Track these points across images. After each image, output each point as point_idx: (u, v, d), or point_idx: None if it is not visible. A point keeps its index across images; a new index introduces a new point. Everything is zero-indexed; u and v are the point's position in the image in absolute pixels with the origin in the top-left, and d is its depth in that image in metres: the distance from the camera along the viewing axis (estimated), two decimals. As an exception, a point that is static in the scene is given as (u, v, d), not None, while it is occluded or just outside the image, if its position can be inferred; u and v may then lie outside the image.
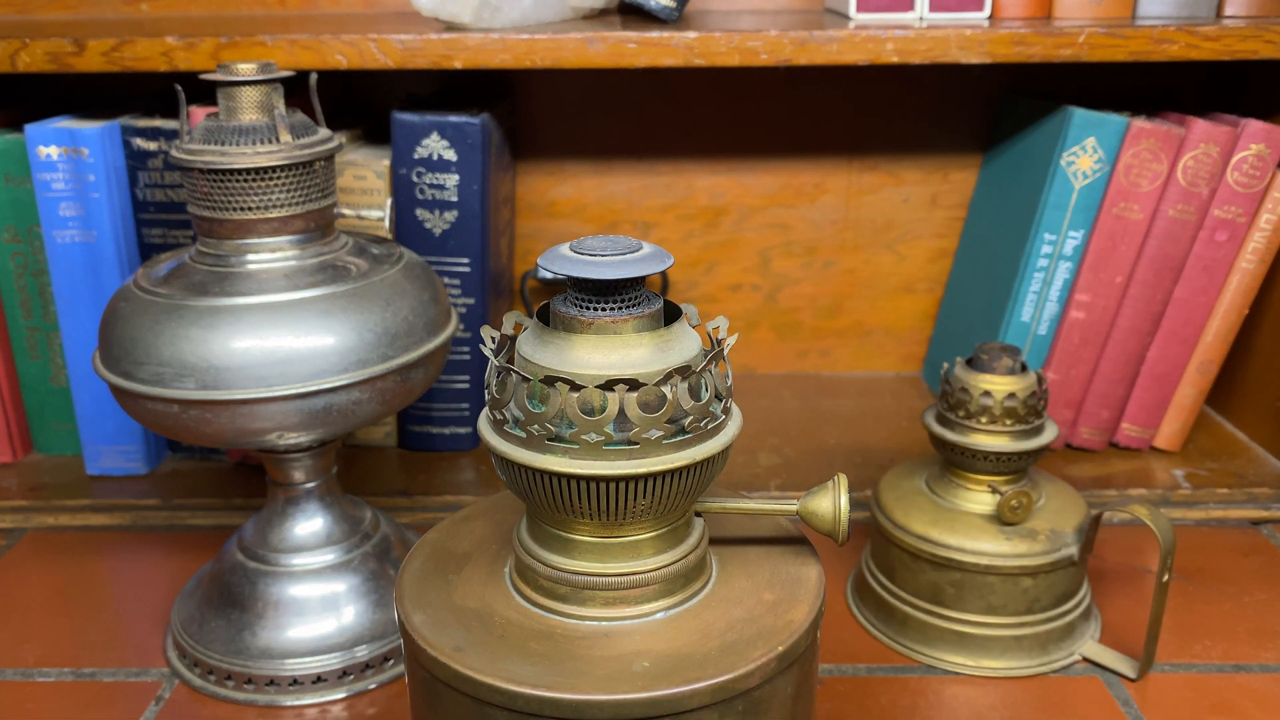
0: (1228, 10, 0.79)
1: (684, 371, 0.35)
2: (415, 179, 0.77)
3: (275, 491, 0.62)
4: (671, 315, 0.38)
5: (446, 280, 0.80)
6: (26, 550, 0.74)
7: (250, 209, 0.55)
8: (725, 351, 0.36)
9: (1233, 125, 0.76)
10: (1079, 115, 0.76)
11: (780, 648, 0.35)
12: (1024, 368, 0.61)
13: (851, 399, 0.95)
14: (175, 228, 0.78)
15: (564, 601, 0.37)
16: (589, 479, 0.34)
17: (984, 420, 0.60)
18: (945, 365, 0.63)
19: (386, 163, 0.78)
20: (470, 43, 0.70)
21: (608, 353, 0.35)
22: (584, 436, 0.34)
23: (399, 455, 0.85)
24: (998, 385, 0.60)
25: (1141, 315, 0.79)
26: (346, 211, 0.78)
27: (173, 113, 0.78)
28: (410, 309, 0.57)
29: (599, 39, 0.70)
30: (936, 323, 0.98)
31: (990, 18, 0.78)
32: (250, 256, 0.56)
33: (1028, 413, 0.60)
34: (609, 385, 0.34)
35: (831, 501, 0.38)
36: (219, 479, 0.81)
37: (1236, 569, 0.71)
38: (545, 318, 0.38)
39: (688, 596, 0.38)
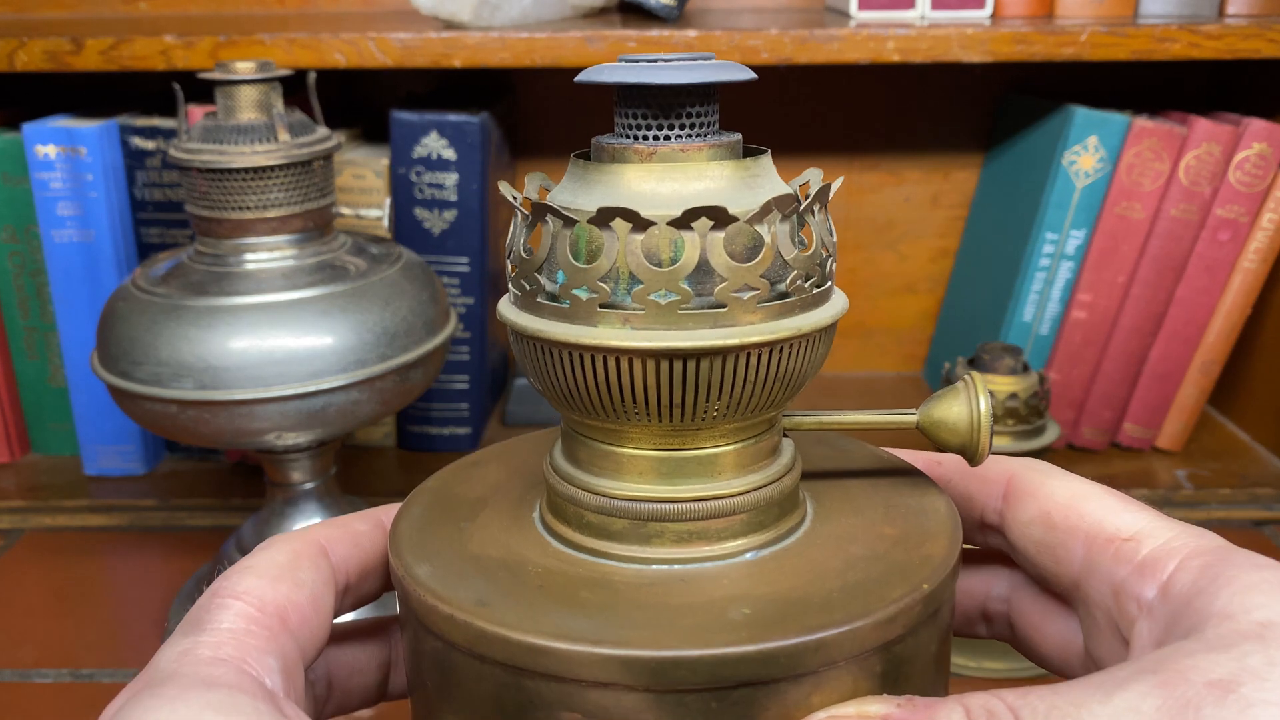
0: (1230, 9, 0.79)
1: (785, 204, 0.25)
2: (414, 178, 0.77)
3: (274, 492, 0.61)
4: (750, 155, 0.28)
5: (446, 280, 0.80)
6: (24, 551, 0.74)
7: (248, 208, 0.55)
8: (830, 195, 0.27)
9: (1235, 124, 0.76)
10: (1081, 114, 0.76)
11: (926, 585, 0.26)
12: (1026, 368, 0.61)
13: (852, 399, 0.94)
14: (173, 227, 0.78)
15: (621, 540, 0.27)
16: (659, 355, 0.25)
17: (986, 420, 0.60)
18: (946, 365, 0.63)
19: (385, 162, 0.77)
20: (469, 41, 0.70)
21: (678, 183, 0.26)
22: (651, 297, 0.25)
23: (398, 455, 0.85)
24: (999, 385, 0.60)
25: (1143, 315, 0.79)
26: (345, 211, 0.78)
27: (171, 112, 0.77)
28: (409, 309, 0.57)
29: (599, 38, 0.70)
30: (938, 322, 0.98)
31: (992, 16, 0.78)
32: (248, 256, 0.56)
33: (1029, 413, 0.60)
34: (685, 220, 0.25)
35: (968, 406, 0.29)
36: (217, 479, 0.81)
37: (1239, 570, 0.71)
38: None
39: (782, 534, 0.28)
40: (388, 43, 0.70)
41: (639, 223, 0.25)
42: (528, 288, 0.27)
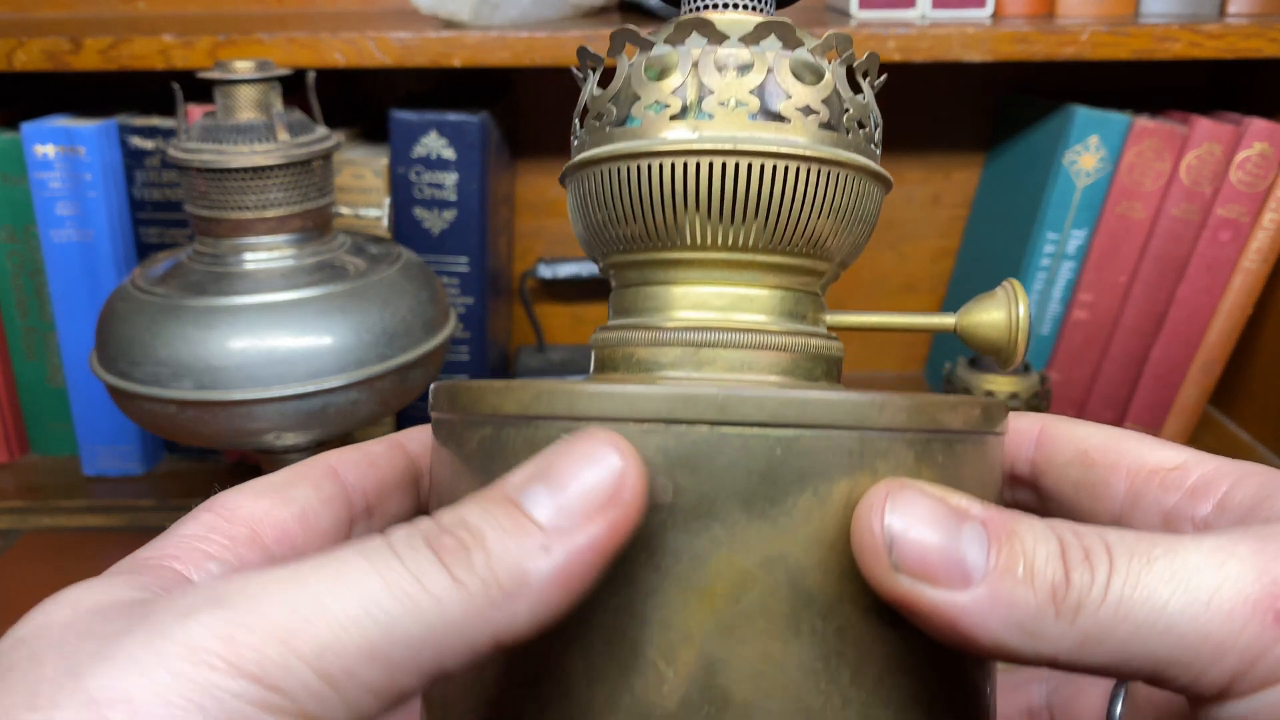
0: (1231, 9, 0.79)
1: (845, 45, 0.27)
2: (414, 178, 0.77)
3: (273, 492, 0.61)
4: None
5: (445, 280, 0.79)
6: (23, 551, 0.74)
7: (247, 208, 0.55)
8: (880, 82, 0.29)
9: (1236, 124, 0.76)
10: (1082, 114, 0.76)
11: (983, 402, 0.26)
12: (1027, 368, 0.61)
13: (852, 399, 0.94)
14: (172, 227, 0.77)
15: (673, 368, 0.27)
16: (725, 155, 0.26)
17: (987, 421, 0.60)
18: (948, 365, 0.63)
19: (385, 161, 0.77)
20: (469, 40, 0.70)
21: (747, 17, 0.28)
22: (720, 105, 0.26)
23: (398, 456, 0.84)
24: (1000, 385, 0.60)
25: (1144, 315, 0.79)
26: (344, 210, 0.78)
27: (170, 111, 0.77)
28: (408, 309, 0.57)
29: (599, 37, 0.70)
30: (938, 322, 0.98)
31: (993, 16, 0.78)
32: (247, 256, 0.56)
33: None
34: (756, 36, 0.26)
35: (1007, 311, 0.29)
36: (216, 480, 0.80)
37: (1240, 570, 0.71)
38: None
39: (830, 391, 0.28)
40: (387, 42, 0.70)
41: (714, 35, 0.26)
42: (597, 124, 0.28)
